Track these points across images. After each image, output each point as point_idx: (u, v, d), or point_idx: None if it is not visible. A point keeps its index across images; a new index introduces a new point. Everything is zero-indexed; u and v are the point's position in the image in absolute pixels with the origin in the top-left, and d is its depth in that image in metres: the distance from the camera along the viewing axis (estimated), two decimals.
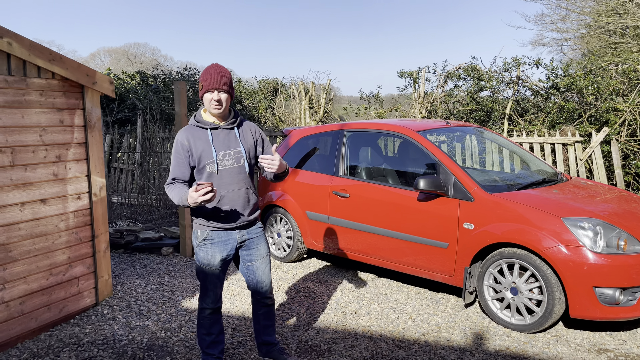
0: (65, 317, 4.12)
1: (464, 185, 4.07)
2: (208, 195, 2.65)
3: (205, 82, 2.89)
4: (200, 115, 3.03)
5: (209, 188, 2.65)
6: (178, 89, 5.58)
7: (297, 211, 5.30)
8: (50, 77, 3.94)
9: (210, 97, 2.89)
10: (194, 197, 2.67)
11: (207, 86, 2.88)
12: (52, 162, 3.97)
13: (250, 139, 3.09)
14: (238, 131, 3.05)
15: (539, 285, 3.66)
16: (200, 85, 2.93)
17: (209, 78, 2.88)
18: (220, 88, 2.87)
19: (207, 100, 2.90)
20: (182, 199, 2.82)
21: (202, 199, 2.65)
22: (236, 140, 3.01)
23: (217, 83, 2.87)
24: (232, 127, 3.03)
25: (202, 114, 3.03)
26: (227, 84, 2.91)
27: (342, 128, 5.13)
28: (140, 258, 5.76)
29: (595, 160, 7.11)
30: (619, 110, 7.32)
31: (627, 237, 3.57)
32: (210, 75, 2.88)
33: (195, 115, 3.04)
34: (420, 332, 3.81)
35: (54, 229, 3.99)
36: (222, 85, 2.87)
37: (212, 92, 2.88)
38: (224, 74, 2.90)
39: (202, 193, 2.64)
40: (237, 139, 3.02)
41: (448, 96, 8.89)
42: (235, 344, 3.65)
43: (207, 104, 2.92)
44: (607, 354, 3.44)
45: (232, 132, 3.03)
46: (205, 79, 2.89)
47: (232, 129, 3.04)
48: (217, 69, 2.90)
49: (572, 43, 19.59)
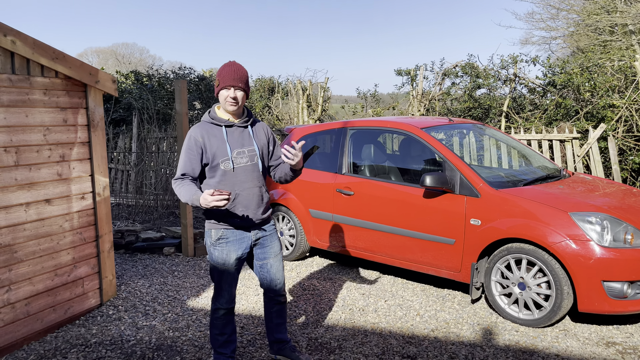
0: (71, 318, 4.08)
1: (470, 181, 4.08)
2: (222, 202, 2.60)
3: (222, 79, 2.87)
4: (215, 112, 3.01)
5: (226, 196, 2.59)
6: (179, 87, 5.55)
7: (300, 209, 5.29)
8: (53, 76, 3.90)
9: (227, 94, 2.88)
10: (207, 199, 2.60)
11: (224, 83, 2.87)
12: (56, 161, 3.93)
13: (264, 138, 3.08)
14: (252, 130, 3.04)
15: (546, 280, 3.69)
16: (217, 82, 2.91)
17: (226, 75, 2.87)
18: (237, 85, 2.87)
19: (223, 97, 2.89)
20: (192, 198, 2.75)
21: (216, 203, 2.59)
22: (250, 139, 3.00)
23: (234, 80, 2.86)
24: (245, 125, 3.02)
25: (217, 111, 3.01)
26: (243, 81, 2.91)
27: (345, 126, 5.12)
28: (142, 258, 5.72)
29: (593, 157, 7.18)
30: (616, 107, 7.39)
31: (633, 231, 3.60)
32: (228, 72, 2.87)
33: (210, 112, 3.02)
34: (429, 328, 3.82)
35: (58, 230, 3.95)
36: (238, 83, 2.87)
37: (228, 89, 2.87)
38: (240, 72, 2.89)
39: (218, 199, 2.58)
40: (251, 138, 3.01)
41: (446, 94, 8.92)
42: (244, 343, 3.63)
43: (223, 101, 2.90)
44: (616, 347, 3.47)
45: (246, 130, 3.02)
46: (222, 75, 2.88)
47: (246, 127, 3.03)
48: (234, 67, 2.90)
49: (561, 41, 19.77)
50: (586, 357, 3.33)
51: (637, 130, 7.34)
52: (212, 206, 2.61)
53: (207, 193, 2.61)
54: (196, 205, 2.73)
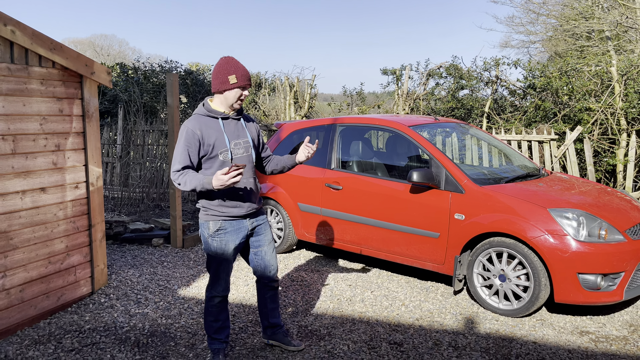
0: (63, 305, 4.15)
1: (455, 178, 4.26)
2: (238, 178, 2.68)
3: (239, 78, 2.95)
4: (209, 105, 3.11)
5: (241, 170, 2.66)
6: (170, 81, 5.62)
7: (289, 203, 5.41)
8: (50, 66, 3.95)
9: (241, 93, 2.99)
10: (223, 179, 2.68)
11: (242, 82, 2.96)
12: (52, 151, 3.98)
13: (254, 130, 3.21)
14: (244, 122, 3.16)
15: (525, 272, 3.89)
16: (233, 78, 2.94)
17: (240, 74, 2.95)
18: (249, 84, 3.03)
19: (236, 95, 2.98)
20: (202, 182, 2.80)
21: (233, 180, 2.68)
22: (244, 130, 3.12)
23: (248, 80, 3.01)
24: (238, 117, 3.14)
25: (211, 104, 3.10)
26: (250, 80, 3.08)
27: (334, 122, 5.26)
28: (131, 249, 5.78)
29: (569, 157, 7.46)
30: (592, 110, 7.68)
31: (607, 227, 3.82)
32: (242, 71, 2.96)
33: (204, 105, 3.11)
34: (414, 317, 3.99)
35: (52, 218, 4.01)
36: (250, 82, 3.03)
37: (244, 89, 3.00)
38: (247, 70, 3.04)
39: (234, 175, 2.66)
40: (245, 129, 3.13)
41: (430, 94, 9.14)
42: (237, 330, 3.75)
43: (233, 98, 2.98)
44: (589, 335, 3.68)
45: (240, 122, 3.14)
46: (239, 74, 2.95)
47: (239, 119, 3.14)
48: (242, 65, 3.00)
49: (539, 45, 20.23)
50: (561, 344, 3.54)
51: (611, 133, 7.64)
52: (229, 184, 2.69)
53: (220, 173, 2.69)
54: (207, 189, 2.79)
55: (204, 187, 2.80)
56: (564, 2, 17.68)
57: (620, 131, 7.49)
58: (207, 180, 2.79)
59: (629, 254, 3.76)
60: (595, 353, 3.42)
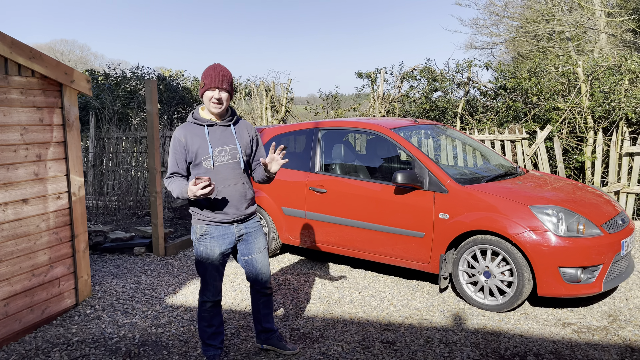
0: (48, 318, 4.06)
1: (438, 178, 4.36)
2: (207, 189, 2.82)
3: (207, 81, 3.00)
4: (198, 113, 3.14)
5: (206, 182, 2.81)
6: (149, 87, 5.56)
7: (273, 207, 5.43)
8: (30, 75, 3.88)
9: (211, 95, 3.00)
10: (193, 190, 2.83)
11: (209, 84, 2.99)
12: (33, 161, 3.91)
13: (247, 136, 3.21)
14: (234, 129, 3.17)
15: (509, 268, 4.01)
16: (202, 83, 3.04)
17: (211, 77, 3.00)
18: (222, 87, 3.00)
19: (208, 98, 3.02)
20: (182, 191, 2.97)
21: (201, 192, 2.81)
22: (232, 137, 3.13)
23: (219, 82, 2.99)
24: (228, 124, 3.15)
25: (200, 112, 3.14)
26: (227, 83, 3.04)
27: (316, 126, 5.31)
28: (112, 259, 5.69)
29: (540, 156, 7.70)
30: (560, 110, 7.95)
31: (585, 222, 3.98)
32: (213, 74, 3.00)
33: (193, 113, 3.15)
34: (403, 316, 4.06)
35: (35, 229, 3.93)
36: (223, 85, 3.00)
37: (213, 91, 3.00)
38: (225, 74, 3.02)
39: (201, 187, 2.81)
40: (233, 136, 3.14)
41: (405, 96, 9.29)
42: (229, 336, 3.75)
43: (207, 102, 3.03)
44: (572, 327, 3.83)
45: (229, 129, 3.15)
46: (208, 77, 3.00)
47: (229, 126, 3.15)
48: (219, 69, 3.02)
49: (503, 47, 20.78)
50: (546, 336, 3.67)
51: (579, 131, 7.92)
52: (199, 195, 2.81)
53: (190, 184, 2.84)
54: (187, 198, 2.93)
55: (183, 195, 2.94)
56: (526, 5, 18.23)
57: (588, 129, 7.77)
58: (184, 190, 2.93)
59: (606, 247, 3.92)
60: (579, 343, 3.55)
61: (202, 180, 2.81)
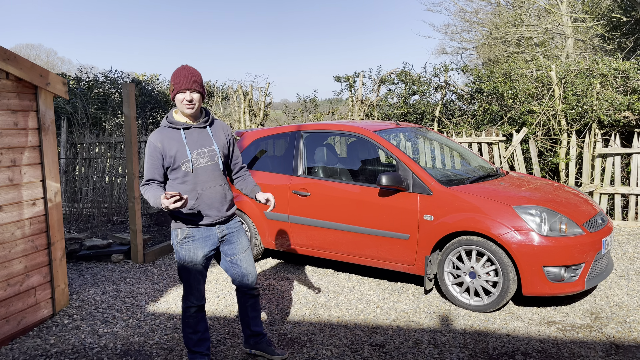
0: (24, 329, 3.91)
1: (422, 180, 4.38)
2: (178, 204, 2.76)
3: (176, 83, 2.96)
4: (172, 116, 3.09)
5: (177, 197, 2.75)
6: (127, 91, 5.44)
7: (255, 212, 5.36)
8: (4, 78, 3.74)
9: (183, 97, 2.96)
10: (165, 203, 2.76)
11: (179, 87, 2.95)
12: (7, 166, 3.76)
13: (223, 137, 3.18)
14: (210, 130, 3.13)
15: (494, 268, 4.04)
16: (172, 86, 3.00)
17: (180, 79, 2.96)
18: (192, 88, 2.96)
19: (179, 100, 2.98)
20: (156, 201, 2.90)
21: (174, 206, 2.75)
22: (209, 139, 3.09)
23: (188, 83, 2.95)
24: (204, 126, 3.10)
25: (174, 115, 3.09)
26: (198, 84, 3.00)
27: (299, 129, 5.27)
28: (88, 267, 5.52)
29: (517, 157, 7.83)
30: (535, 112, 8.11)
31: (567, 221, 4.04)
32: (182, 76, 2.96)
33: (167, 117, 3.10)
34: (390, 318, 4.05)
35: (10, 237, 3.78)
36: (193, 86, 2.97)
37: (184, 93, 2.96)
38: (194, 75, 2.99)
39: (173, 202, 2.75)
40: (210, 138, 3.10)
41: (383, 100, 9.33)
42: (215, 343, 3.67)
43: (179, 104, 2.99)
44: (556, 325, 3.88)
45: (205, 130, 3.11)
46: (177, 80, 2.97)
47: (205, 127, 3.11)
48: (188, 70, 2.99)
49: (474, 52, 21.17)
50: (532, 335, 3.70)
51: (553, 133, 8.09)
52: (172, 208, 2.75)
53: (162, 197, 2.77)
54: (159, 207, 2.88)
55: (157, 205, 2.88)
56: (495, 11, 18.61)
57: (562, 131, 7.94)
58: (159, 200, 2.86)
59: (587, 246, 3.99)
60: (565, 341, 3.60)
61: (173, 195, 2.75)
